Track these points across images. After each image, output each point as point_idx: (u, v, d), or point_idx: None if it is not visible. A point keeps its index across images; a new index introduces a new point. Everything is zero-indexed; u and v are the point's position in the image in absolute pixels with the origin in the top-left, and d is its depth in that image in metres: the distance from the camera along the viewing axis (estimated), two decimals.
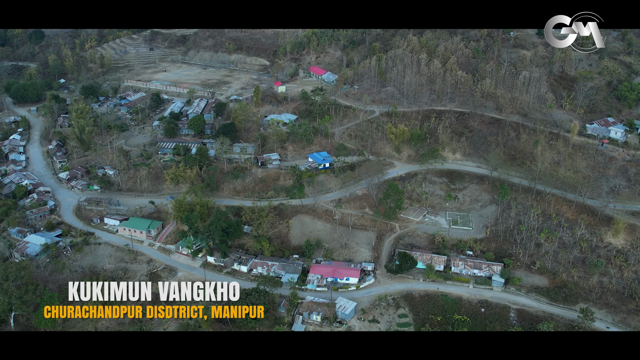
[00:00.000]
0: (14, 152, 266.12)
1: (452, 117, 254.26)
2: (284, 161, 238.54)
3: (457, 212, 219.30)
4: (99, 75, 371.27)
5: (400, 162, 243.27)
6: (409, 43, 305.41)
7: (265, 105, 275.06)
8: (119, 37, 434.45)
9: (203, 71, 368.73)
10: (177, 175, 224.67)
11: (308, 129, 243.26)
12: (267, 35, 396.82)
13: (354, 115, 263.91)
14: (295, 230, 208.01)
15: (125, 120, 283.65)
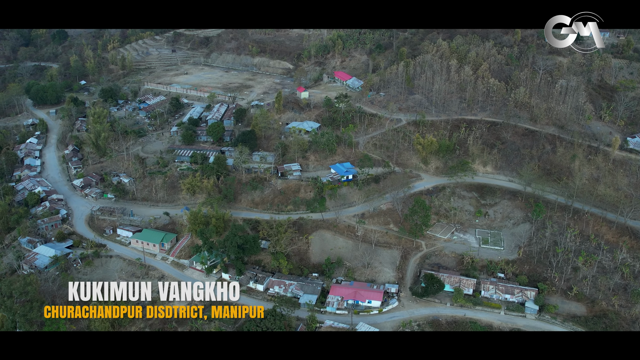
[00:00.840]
0: (30, 157, 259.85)
1: (483, 128, 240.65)
2: (305, 172, 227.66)
3: (487, 230, 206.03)
4: (119, 77, 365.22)
5: (428, 175, 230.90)
6: (439, 48, 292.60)
7: (287, 112, 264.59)
8: (141, 38, 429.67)
9: (225, 74, 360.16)
10: (193, 185, 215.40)
11: (331, 138, 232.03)
12: (292, 38, 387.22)
13: (380, 123, 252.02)
14: (315, 247, 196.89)
15: (143, 125, 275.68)
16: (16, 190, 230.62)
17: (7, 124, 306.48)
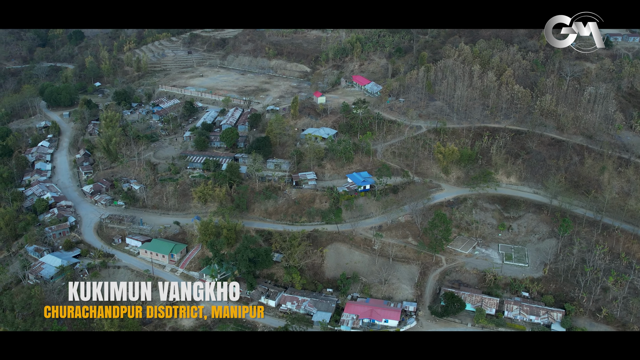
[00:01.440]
0: (41, 161, 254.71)
1: (507, 136, 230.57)
2: (320, 181, 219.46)
3: (511, 245, 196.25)
4: (134, 79, 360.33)
5: (448, 185, 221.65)
6: (461, 52, 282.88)
7: (303, 118, 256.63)
8: (158, 39, 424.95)
9: (241, 77, 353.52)
10: (205, 194, 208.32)
11: (348, 146, 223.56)
12: (309, 40, 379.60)
13: (399, 131, 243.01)
14: (330, 261, 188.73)
15: (155, 130, 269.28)
16: (25, 196, 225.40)
17: (20, 126, 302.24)
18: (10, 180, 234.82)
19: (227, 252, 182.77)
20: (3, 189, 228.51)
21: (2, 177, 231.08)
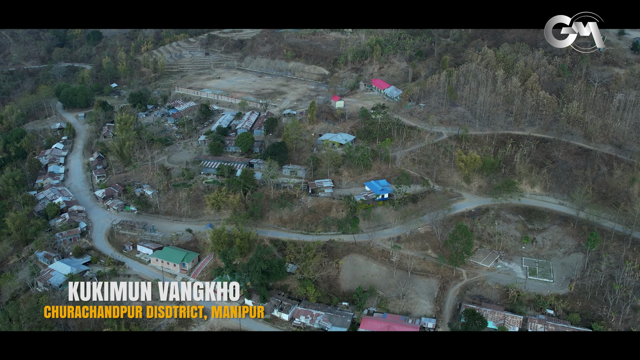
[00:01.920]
0: (54, 164, 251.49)
1: (531, 145, 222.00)
2: (337, 188, 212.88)
3: (535, 259, 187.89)
4: (151, 80, 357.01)
5: (470, 194, 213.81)
6: (484, 57, 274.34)
7: (320, 123, 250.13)
8: (175, 40, 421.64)
9: (258, 79, 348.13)
10: (218, 201, 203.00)
11: (366, 153, 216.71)
12: (328, 42, 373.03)
13: (419, 137, 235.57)
14: (346, 273, 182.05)
15: (170, 133, 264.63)
16: (37, 200, 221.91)
17: (35, 127, 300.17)
18: (22, 183, 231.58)
19: (239, 263, 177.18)
20: (15, 192, 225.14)
21: (14, 180, 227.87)
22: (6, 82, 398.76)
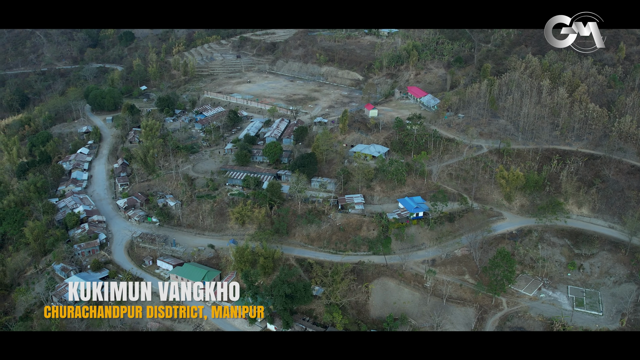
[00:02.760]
0: (78, 169, 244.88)
1: (579, 161, 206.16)
2: (369, 204, 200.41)
3: (582, 288, 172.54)
4: (181, 83, 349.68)
5: (511, 214, 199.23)
6: (528, 65, 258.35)
7: (352, 133, 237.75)
8: (207, 41, 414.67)
9: (290, 84, 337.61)
10: (243, 215, 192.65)
11: (400, 168, 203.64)
12: (363, 46, 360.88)
13: (457, 150, 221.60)
14: (376, 298, 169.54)
15: (197, 140, 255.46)
16: (57, 208, 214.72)
17: (62, 130, 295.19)
18: (44, 190, 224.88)
19: (262, 284, 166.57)
20: (37, 199, 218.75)
21: (36, 186, 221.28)
22: (38, 82, 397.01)
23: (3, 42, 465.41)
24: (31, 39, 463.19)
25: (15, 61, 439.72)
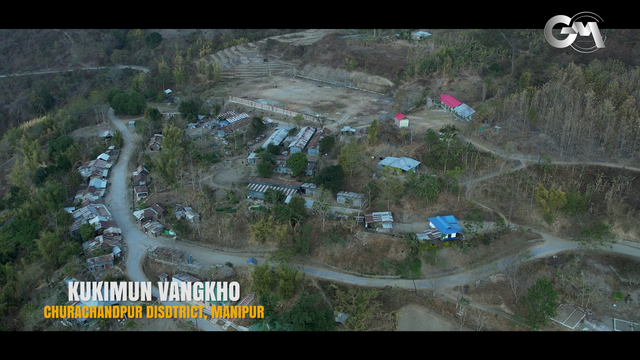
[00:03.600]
0: (96, 177, 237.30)
1: (626, 180, 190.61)
2: (397, 222, 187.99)
3: (629, 322, 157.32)
4: (205, 87, 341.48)
5: (551, 236, 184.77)
6: (570, 74, 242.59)
7: (381, 144, 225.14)
8: (234, 44, 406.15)
9: (317, 89, 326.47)
10: (263, 231, 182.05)
11: (432, 184, 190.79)
12: (394, 51, 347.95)
13: (493, 165, 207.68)
14: (404, 328, 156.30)
15: (219, 149, 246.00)
16: (73, 218, 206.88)
17: (84, 134, 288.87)
18: (61, 198, 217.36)
19: (282, 308, 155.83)
20: (53, 208, 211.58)
21: (52, 194, 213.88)
22: (64, 83, 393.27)
23: (31, 42, 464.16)
24: (59, 40, 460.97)
25: (43, 62, 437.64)
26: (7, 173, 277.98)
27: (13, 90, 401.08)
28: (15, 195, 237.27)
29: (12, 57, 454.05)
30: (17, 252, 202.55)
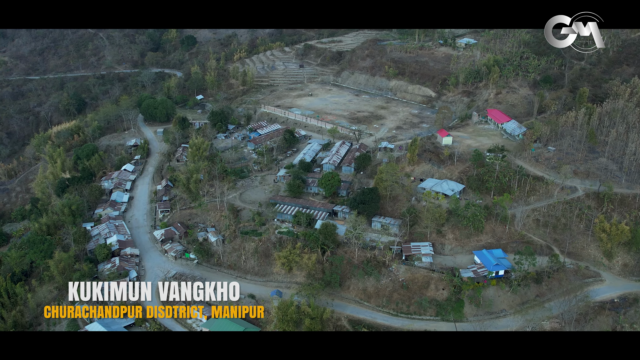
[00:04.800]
0: (119, 190, 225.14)
1: None
2: (438, 255, 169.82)
3: None
4: (238, 94, 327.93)
5: (611, 275, 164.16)
6: (634, 90, 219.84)
7: (422, 164, 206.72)
8: (270, 48, 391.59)
9: (354, 99, 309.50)
10: (290, 260, 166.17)
11: (478, 213, 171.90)
12: (437, 59, 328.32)
13: (546, 191, 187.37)
14: None
15: (248, 163, 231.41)
16: (90, 236, 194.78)
17: (111, 141, 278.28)
18: (79, 213, 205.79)
19: None
20: (71, 223, 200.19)
21: (70, 209, 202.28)
22: (96, 86, 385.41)
23: (66, 43, 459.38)
24: (93, 41, 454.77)
25: (77, 63, 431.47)
26: (31, 181, 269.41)
27: (46, 92, 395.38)
28: (35, 207, 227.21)
29: (47, 58, 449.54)
30: (32, 270, 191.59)
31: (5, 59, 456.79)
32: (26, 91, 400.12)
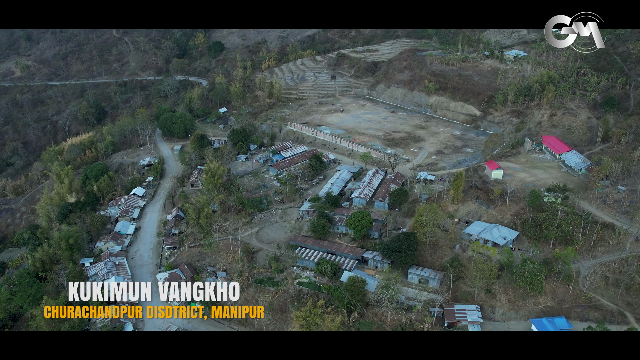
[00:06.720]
0: (125, 219, 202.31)
1: None
2: (487, 320, 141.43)
3: None
4: (264, 107, 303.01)
5: None
6: None
7: (467, 202, 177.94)
8: (301, 56, 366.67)
9: (390, 116, 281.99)
10: (310, 322, 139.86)
11: (537, 271, 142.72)
12: (482, 73, 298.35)
13: (617, 241, 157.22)
14: None
15: (268, 191, 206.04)
16: (86, 276, 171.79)
17: (124, 159, 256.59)
18: (78, 247, 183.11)
19: None
20: (68, 259, 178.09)
21: (67, 243, 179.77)
22: (117, 94, 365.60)
23: (90, 48, 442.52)
24: (118, 46, 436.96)
25: (99, 69, 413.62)
26: (37, 200, 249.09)
27: (66, 99, 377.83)
28: (34, 234, 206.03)
29: (71, 63, 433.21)
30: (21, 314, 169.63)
31: (29, 63, 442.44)
32: (46, 98, 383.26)
